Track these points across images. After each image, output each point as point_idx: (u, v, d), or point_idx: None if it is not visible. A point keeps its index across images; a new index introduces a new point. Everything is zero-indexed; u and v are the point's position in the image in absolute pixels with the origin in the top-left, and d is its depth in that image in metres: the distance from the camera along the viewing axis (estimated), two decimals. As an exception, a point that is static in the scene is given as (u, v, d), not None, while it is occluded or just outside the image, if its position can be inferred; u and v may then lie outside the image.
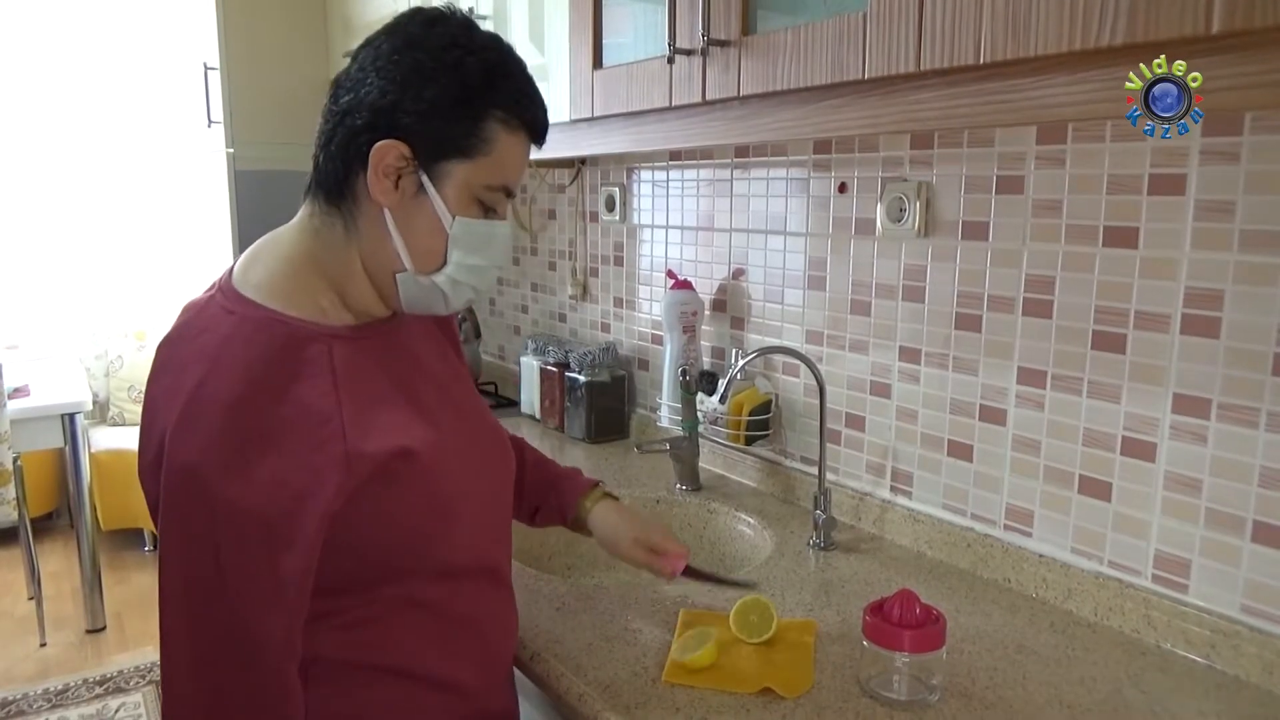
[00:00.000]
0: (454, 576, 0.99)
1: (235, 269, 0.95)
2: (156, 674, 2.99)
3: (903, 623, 1.00)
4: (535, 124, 0.95)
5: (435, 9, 0.93)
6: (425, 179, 0.89)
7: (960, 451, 1.41)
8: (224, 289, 0.93)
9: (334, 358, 0.90)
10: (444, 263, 0.93)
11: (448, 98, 0.88)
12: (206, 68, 2.83)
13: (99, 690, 2.90)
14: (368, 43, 0.92)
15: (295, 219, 0.97)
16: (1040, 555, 1.30)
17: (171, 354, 0.91)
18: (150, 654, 3.14)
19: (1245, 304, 1.06)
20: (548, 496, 1.29)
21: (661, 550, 1.23)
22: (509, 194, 0.96)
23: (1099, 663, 1.12)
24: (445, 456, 0.96)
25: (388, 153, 0.87)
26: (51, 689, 2.90)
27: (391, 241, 0.91)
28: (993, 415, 1.35)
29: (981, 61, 0.91)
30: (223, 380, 0.84)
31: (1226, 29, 0.73)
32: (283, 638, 0.84)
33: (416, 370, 1.01)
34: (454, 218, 0.91)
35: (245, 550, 0.82)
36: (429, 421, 0.96)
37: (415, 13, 0.92)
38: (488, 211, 0.94)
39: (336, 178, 0.91)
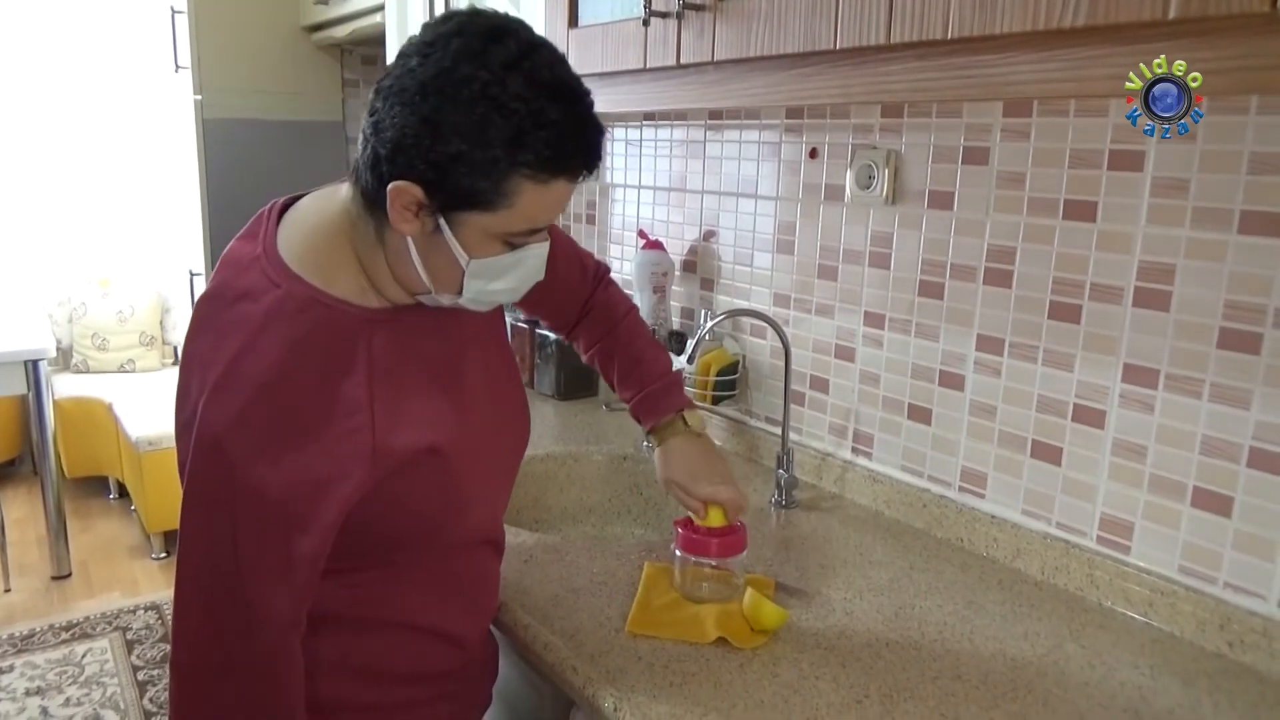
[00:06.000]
0: (458, 547, 1.04)
1: (280, 231, 0.92)
2: (123, 620, 3.00)
3: (710, 533, 1.16)
4: (575, 168, 0.86)
5: (480, 34, 0.81)
6: (442, 222, 0.85)
7: (920, 415, 1.45)
8: (268, 253, 0.90)
9: (372, 347, 0.90)
10: (462, 290, 0.91)
11: (469, 156, 0.80)
12: (174, 11, 2.77)
13: (66, 636, 2.91)
14: (403, 54, 0.83)
15: (343, 192, 0.92)
16: (992, 516, 1.35)
17: (212, 311, 0.90)
18: (116, 600, 3.15)
19: (1194, 279, 1.10)
20: (637, 405, 1.25)
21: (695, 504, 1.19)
22: (537, 232, 0.91)
23: (1043, 619, 1.18)
24: (470, 451, 0.97)
25: (404, 192, 0.82)
26: (17, 634, 2.90)
27: (413, 264, 0.89)
28: (952, 380, 1.39)
29: (949, 37, 0.93)
30: (261, 357, 0.84)
31: (1182, 15, 0.75)
32: (289, 614, 0.87)
33: (457, 350, 1.00)
34: (469, 258, 0.88)
35: (261, 530, 0.83)
36: (460, 411, 0.96)
37: (457, 31, 0.81)
38: (516, 246, 0.90)
39: (369, 188, 0.85)
